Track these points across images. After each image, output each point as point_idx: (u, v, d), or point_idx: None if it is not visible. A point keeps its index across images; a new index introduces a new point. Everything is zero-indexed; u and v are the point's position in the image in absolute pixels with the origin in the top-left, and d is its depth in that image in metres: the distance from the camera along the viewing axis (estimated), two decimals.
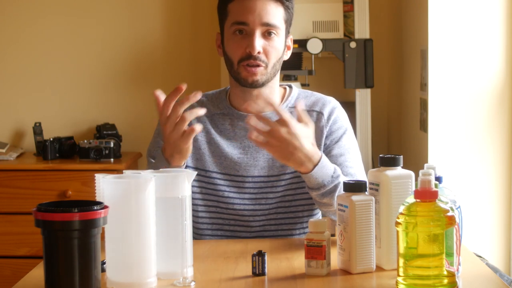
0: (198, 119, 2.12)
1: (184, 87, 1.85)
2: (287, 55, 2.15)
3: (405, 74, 3.66)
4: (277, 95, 2.15)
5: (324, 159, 1.94)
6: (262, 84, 2.07)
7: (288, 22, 2.09)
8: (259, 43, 2.03)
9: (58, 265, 1.49)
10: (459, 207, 1.66)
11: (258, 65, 2.03)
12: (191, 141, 1.91)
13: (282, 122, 1.85)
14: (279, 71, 2.12)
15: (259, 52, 2.03)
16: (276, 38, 2.05)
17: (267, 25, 2.03)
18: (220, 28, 2.12)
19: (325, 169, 1.94)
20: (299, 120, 1.89)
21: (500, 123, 3.11)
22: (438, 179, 1.65)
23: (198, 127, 1.89)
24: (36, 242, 3.38)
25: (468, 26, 3.09)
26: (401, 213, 1.53)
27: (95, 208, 1.50)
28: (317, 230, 1.68)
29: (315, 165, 1.92)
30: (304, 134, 1.88)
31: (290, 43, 2.15)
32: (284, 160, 1.90)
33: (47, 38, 3.85)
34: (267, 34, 2.04)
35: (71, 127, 3.86)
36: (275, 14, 2.04)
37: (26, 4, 3.83)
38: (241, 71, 2.05)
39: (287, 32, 2.11)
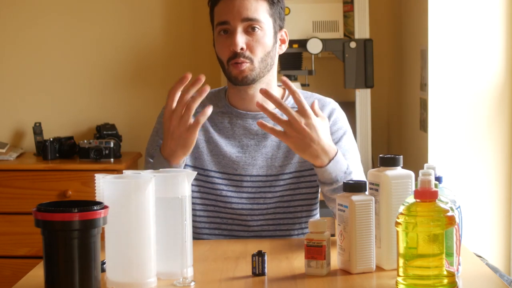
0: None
1: (189, 75, 1.85)
2: (282, 50, 2.14)
3: (405, 74, 3.66)
4: (275, 93, 2.14)
5: (339, 154, 1.94)
6: (253, 80, 2.06)
7: (276, 16, 2.08)
8: (241, 39, 2.02)
9: (58, 265, 1.49)
10: (459, 207, 1.66)
11: (243, 62, 2.03)
12: (197, 133, 1.90)
13: (303, 113, 1.86)
14: (275, 67, 2.12)
15: (242, 49, 2.02)
16: (260, 33, 2.04)
17: (248, 20, 2.02)
18: (212, 33, 2.12)
19: (339, 165, 1.94)
20: (316, 114, 1.89)
21: (500, 123, 3.11)
22: (438, 179, 1.65)
23: (208, 110, 1.87)
24: (36, 242, 3.37)
25: (468, 26, 3.09)
26: (401, 213, 1.53)
27: (95, 208, 1.50)
28: (317, 230, 1.68)
29: (330, 160, 1.92)
30: (322, 128, 1.88)
31: (285, 36, 2.14)
32: (300, 152, 1.90)
33: (47, 38, 3.85)
34: (250, 30, 2.03)
35: (71, 127, 3.86)
36: (257, 9, 2.03)
37: (26, 5, 3.83)
38: (231, 70, 2.05)
39: (278, 26, 2.09)
